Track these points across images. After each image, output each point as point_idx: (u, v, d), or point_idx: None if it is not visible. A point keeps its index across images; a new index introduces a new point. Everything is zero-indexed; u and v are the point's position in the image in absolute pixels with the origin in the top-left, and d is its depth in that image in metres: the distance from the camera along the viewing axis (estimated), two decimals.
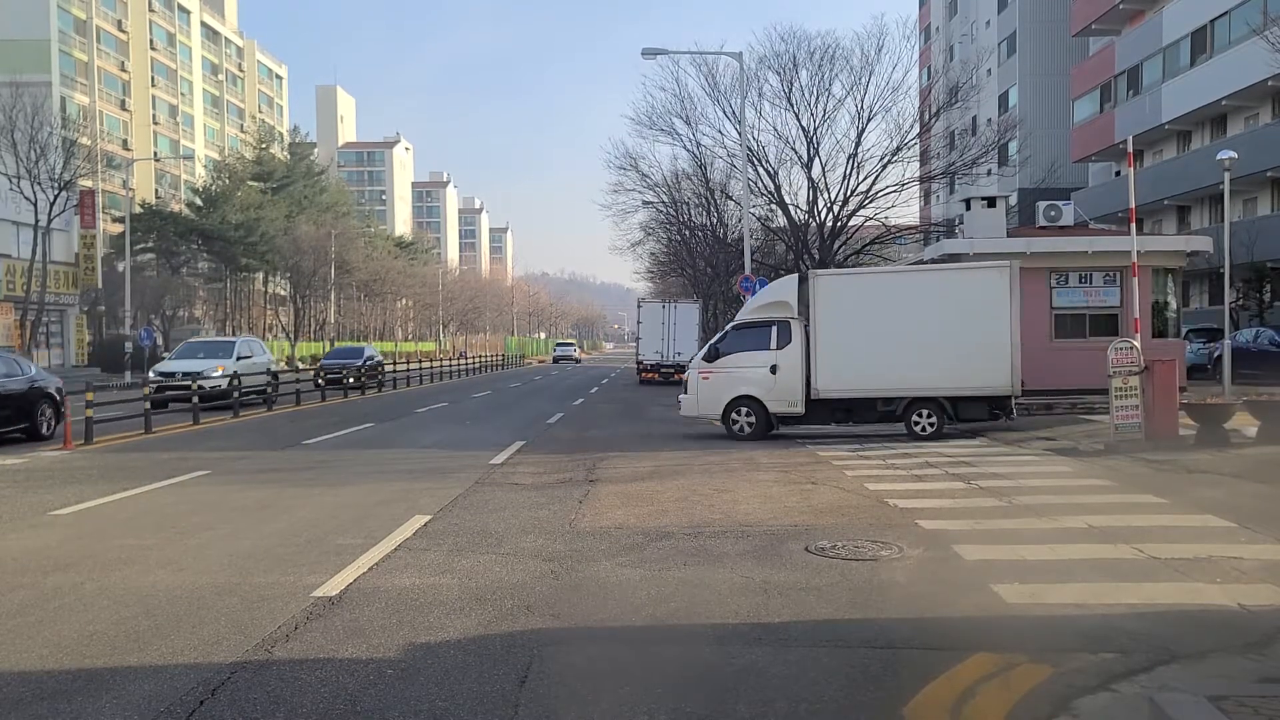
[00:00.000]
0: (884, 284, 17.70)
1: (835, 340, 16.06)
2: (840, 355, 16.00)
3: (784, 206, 40.98)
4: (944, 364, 15.56)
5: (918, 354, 15.62)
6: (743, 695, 4.56)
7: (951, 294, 16.06)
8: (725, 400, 16.54)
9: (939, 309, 15.81)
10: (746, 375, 16.41)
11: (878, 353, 15.77)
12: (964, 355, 15.50)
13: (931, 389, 15.71)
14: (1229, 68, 33.29)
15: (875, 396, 16.09)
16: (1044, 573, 6.71)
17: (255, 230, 68.89)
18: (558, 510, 9.54)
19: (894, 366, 15.75)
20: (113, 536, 8.54)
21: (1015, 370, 15.36)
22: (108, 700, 4.60)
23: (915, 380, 15.73)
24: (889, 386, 15.95)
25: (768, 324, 16.62)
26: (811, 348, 16.20)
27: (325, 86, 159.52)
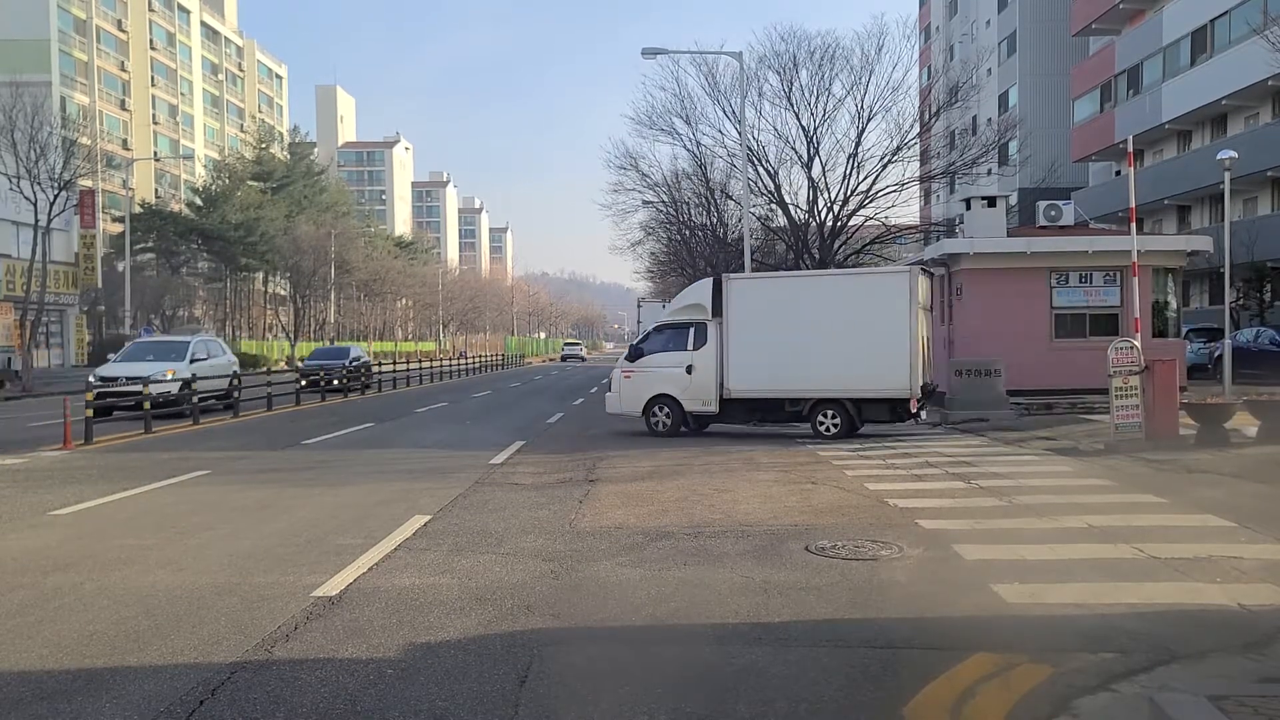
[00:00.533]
0: (791, 288, 18.19)
1: (746, 342, 16.52)
2: (750, 357, 16.46)
3: (784, 206, 40.98)
4: (846, 367, 15.90)
5: (822, 357, 16.00)
6: (743, 695, 4.55)
7: (854, 298, 16.49)
8: (645, 398, 17.21)
9: (842, 313, 16.14)
10: (665, 375, 17.05)
11: (785, 355, 16.19)
12: (865, 358, 15.80)
13: (835, 391, 16.08)
14: (1229, 67, 33.29)
15: (783, 397, 16.50)
16: (1044, 573, 6.70)
17: (255, 230, 68.91)
18: (558, 510, 9.54)
19: (800, 369, 16.16)
20: (113, 536, 8.54)
21: (914, 373, 15.58)
22: (108, 700, 4.60)
23: (819, 382, 16.12)
24: (795, 388, 16.35)
25: (686, 326, 17.18)
26: (724, 349, 16.64)
27: (325, 86, 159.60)
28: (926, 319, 16.63)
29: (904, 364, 15.56)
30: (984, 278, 20.12)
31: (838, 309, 16.22)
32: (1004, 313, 19.73)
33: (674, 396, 16.99)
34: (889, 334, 15.64)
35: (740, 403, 16.69)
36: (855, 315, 15.98)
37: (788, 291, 17.73)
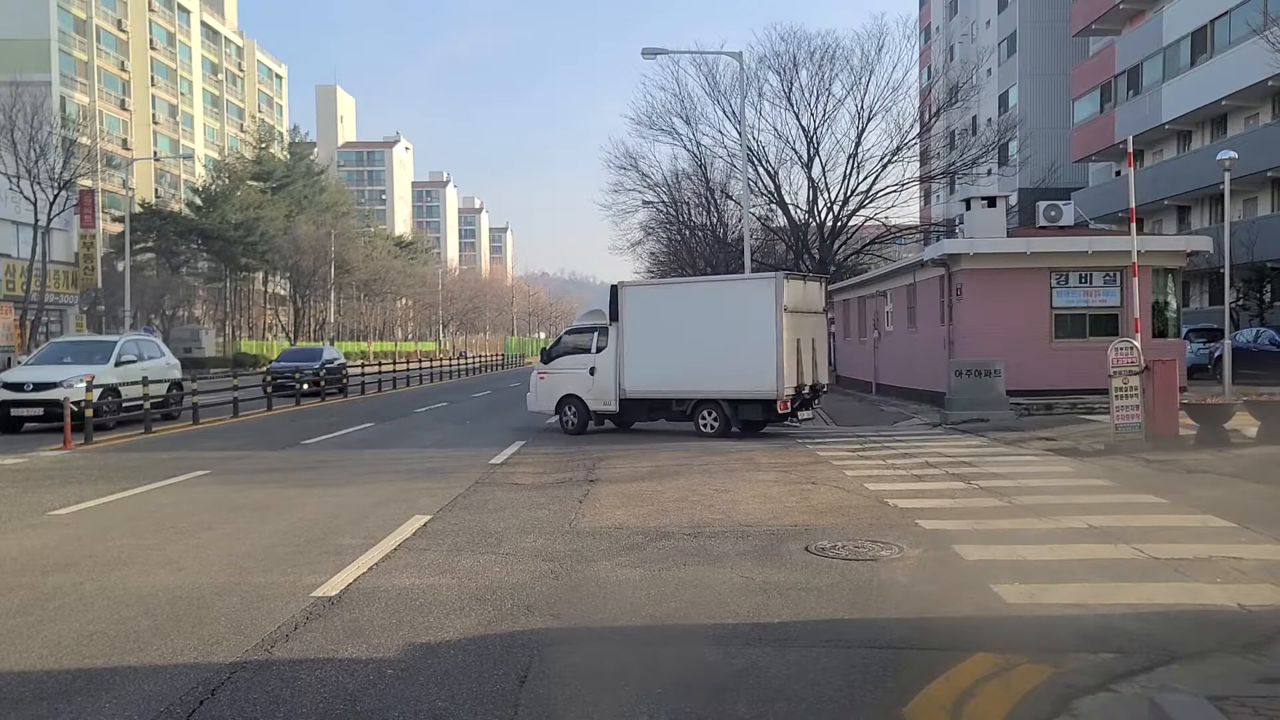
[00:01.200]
0: (676, 294, 19.21)
1: (638, 345, 17.54)
2: (642, 359, 17.46)
3: (784, 206, 41.01)
4: (722, 369, 16.65)
5: (701, 360, 16.81)
6: (743, 695, 4.56)
7: (727, 304, 17.26)
8: (557, 398, 18.45)
9: (717, 318, 16.97)
10: (572, 376, 18.24)
11: (671, 358, 17.14)
12: (737, 361, 16.52)
13: (713, 392, 16.84)
14: (1229, 68, 33.29)
15: (670, 397, 17.39)
16: (1044, 573, 6.70)
17: (255, 230, 68.94)
18: (558, 510, 9.54)
19: (683, 371, 17.06)
20: (112, 536, 8.54)
21: (781, 376, 16.11)
22: (108, 700, 4.60)
23: (699, 383, 16.96)
24: (680, 389, 17.22)
25: (591, 330, 18.42)
26: (620, 352, 17.63)
27: (325, 86, 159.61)
28: (811, 322, 17.21)
29: (771, 367, 16.17)
30: (984, 278, 20.11)
31: (714, 314, 17.09)
32: (1004, 313, 19.72)
33: (580, 396, 18.05)
34: (758, 338, 16.29)
35: (636, 402, 17.67)
36: (729, 320, 16.78)
37: (673, 298, 18.80)
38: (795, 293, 16.81)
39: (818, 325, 17.73)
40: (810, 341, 17.07)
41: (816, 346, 17.34)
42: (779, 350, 16.14)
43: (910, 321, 23.99)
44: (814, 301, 17.62)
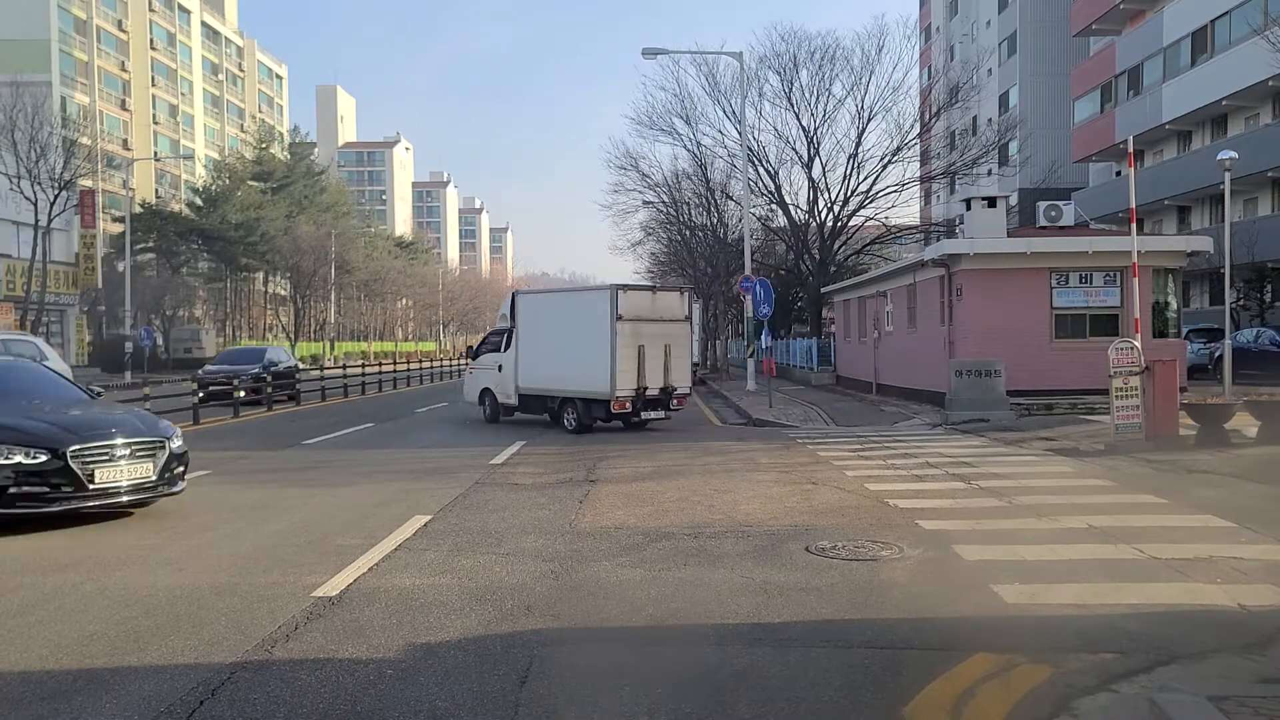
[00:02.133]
0: (549, 302, 21.11)
1: (526, 347, 19.58)
2: (529, 360, 19.44)
3: (784, 206, 41.03)
4: (575, 371, 18.30)
5: (562, 362, 18.60)
6: (743, 695, 4.56)
7: (580, 312, 18.87)
8: (477, 391, 21.04)
9: (573, 325, 18.74)
10: (488, 373, 20.67)
11: (545, 360, 19.03)
12: (584, 364, 18.06)
13: (571, 391, 18.45)
14: (1229, 68, 33.29)
15: (546, 394, 19.14)
16: (1044, 573, 6.70)
17: (255, 230, 68.95)
18: (558, 510, 9.54)
19: (552, 372, 18.89)
20: (113, 536, 8.54)
21: (614, 378, 17.44)
22: (108, 700, 4.60)
23: (563, 384, 18.62)
24: (551, 388, 19.02)
25: (504, 332, 20.37)
26: (515, 353, 19.75)
27: (325, 86, 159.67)
28: (664, 330, 18.34)
29: (605, 370, 17.55)
30: (984, 278, 20.10)
31: (570, 322, 18.92)
32: (1004, 313, 19.71)
33: (492, 390, 20.42)
34: (597, 344, 17.73)
35: (528, 397, 19.60)
36: (579, 327, 18.45)
37: (548, 305, 20.62)
38: (637, 303, 18.27)
39: (674, 332, 18.64)
40: (662, 348, 18.19)
41: (672, 353, 18.35)
42: (612, 355, 17.52)
43: (910, 322, 23.98)
44: (668, 310, 18.72)
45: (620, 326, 17.70)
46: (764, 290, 24.44)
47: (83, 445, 8.80)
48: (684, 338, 19.10)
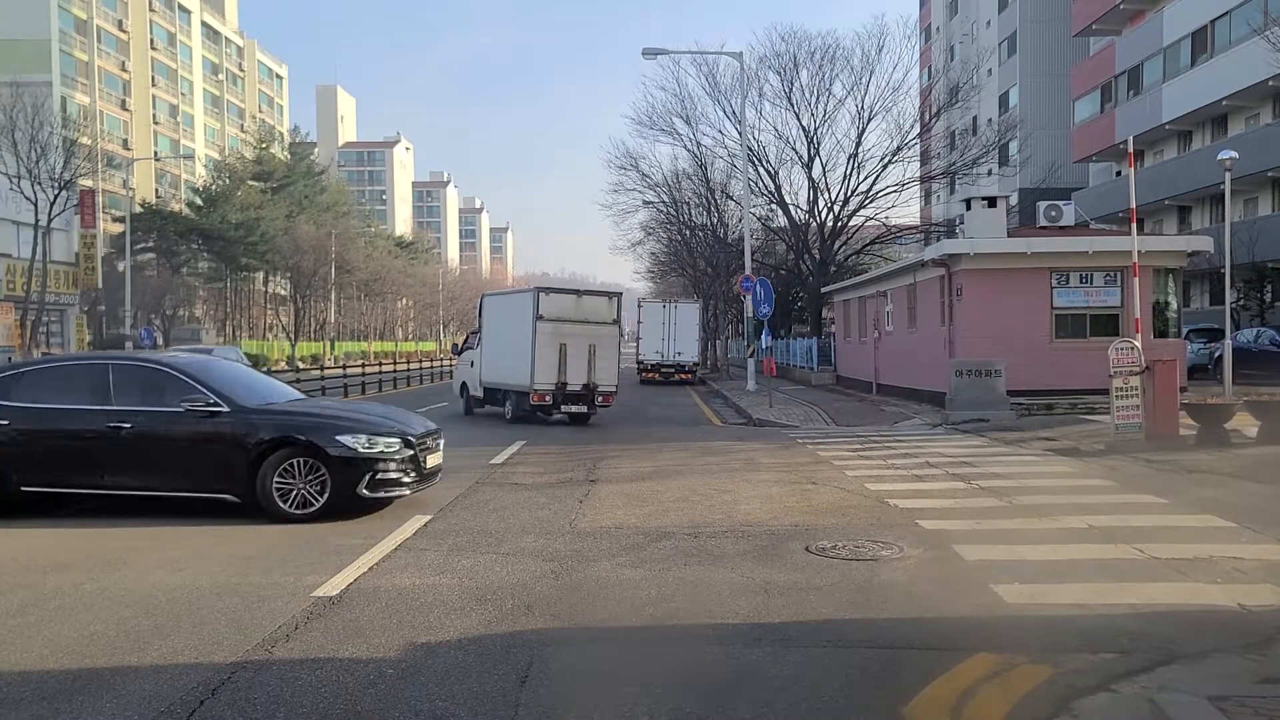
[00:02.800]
0: (501, 303, 22.59)
1: (487, 345, 21.63)
2: (488, 356, 21.44)
3: (784, 206, 41.07)
4: (509, 366, 20.26)
5: (503, 358, 20.59)
6: (743, 695, 4.55)
7: (511, 312, 20.73)
8: (459, 384, 23.57)
9: (508, 324, 20.53)
10: (465, 368, 22.95)
11: (496, 356, 21.04)
12: (514, 360, 19.92)
13: (508, 385, 20.44)
14: (1229, 68, 33.28)
15: (497, 388, 21.08)
16: (1044, 573, 6.70)
17: (255, 230, 68.96)
18: (558, 510, 9.54)
19: (499, 367, 20.90)
20: (113, 536, 8.54)
21: (533, 374, 19.17)
22: (108, 700, 4.60)
23: (504, 378, 20.52)
24: (499, 381, 20.95)
25: (473, 333, 22.90)
26: (481, 350, 21.89)
27: (325, 86, 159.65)
28: (589, 330, 19.92)
29: (526, 365, 19.32)
30: (984, 278, 20.10)
31: (507, 321, 20.75)
32: (1004, 313, 19.71)
33: (467, 383, 22.74)
34: (522, 341, 19.50)
35: (489, 390, 21.51)
36: (511, 326, 20.32)
37: (501, 305, 22.18)
38: (560, 305, 19.86)
39: (600, 334, 20.06)
40: (586, 347, 19.68)
41: (597, 353, 19.81)
42: (533, 352, 19.20)
43: (911, 321, 23.98)
44: (595, 313, 20.16)
45: (541, 326, 19.34)
46: (764, 290, 24.45)
47: (420, 435, 9.72)
48: (610, 339, 20.31)
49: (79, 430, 9.25)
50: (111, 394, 9.37)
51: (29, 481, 9.29)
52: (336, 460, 9.07)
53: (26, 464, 9.21)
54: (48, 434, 9.29)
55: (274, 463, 9.07)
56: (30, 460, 9.21)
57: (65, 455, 9.30)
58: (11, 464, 9.17)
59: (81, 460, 9.27)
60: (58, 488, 9.40)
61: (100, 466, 9.26)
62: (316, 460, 9.08)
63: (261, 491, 9.05)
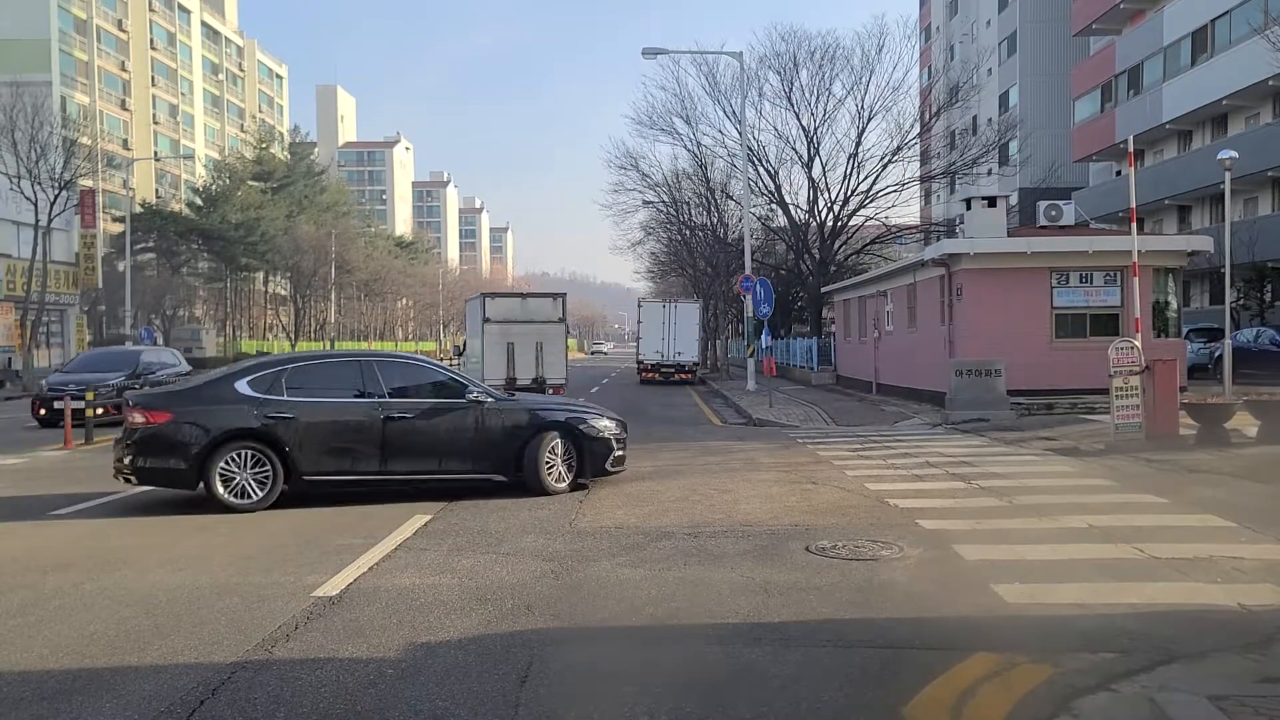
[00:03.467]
0: (471, 309, 25.14)
1: (468, 346, 24.45)
2: (467, 356, 24.09)
3: (784, 206, 41.05)
4: (475, 364, 22.65)
5: (472, 357, 23.04)
6: (743, 695, 4.55)
7: (474, 316, 23.28)
8: None
9: (472, 326, 23.55)
10: (469, 365, 24.33)
11: (469, 356, 23.80)
12: (474, 356, 22.73)
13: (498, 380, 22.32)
14: (1230, 67, 33.28)
15: None
16: (1044, 573, 6.70)
17: (255, 230, 68.93)
18: (558, 510, 9.54)
19: (470, 366, 22.87)
20: (113, 536, 8.54)
21: (483, 368, 21.59)
22: (108, 700, 4.60)
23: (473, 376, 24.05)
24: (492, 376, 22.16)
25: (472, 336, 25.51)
26: (467, 349, 24.90)
27: (325, 86, 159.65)
28: (534, 329, 22.53)
29: (479, 362, 22.11)
30: (984, 278, 20.09)
31: (473, 324, 23.45)
32: (1004, 313, 19.70)
33: None
34: (475, 340, 22.17)
35: None
36: (473, 329, 23.39)
37: (470, 311, 24.93)
38: (506, 307, 22.99)
39: (547, 332, 22.68)
40: (534, 345, 22.33)
41: (544, 348, 22.42)
42: (482, 350, 22.06)
43: (910, 321, 23.97)
44: (540, 313, 22.88)
45: (489, 327, 22.05)
46: (764, 290, 24.44)
47: (621, 422, 11.26)
48: (557, 336, 22.99)
49: (362, 421, 9.91)
50: (383, 386, 10.14)
51: (313, 470, 9.79)
52: (589, 441, 10.63)
53: (312, 454, 9.72)
54: (331, 425, 9.89)
55: (542, 445, 10.35)
56: (315, 450, 9.74)
57: (348, 444, 9.90)
58: (298, 454, 9.64)
59: (364, 448, 9.90)
60: (339, 475, 9.91)
61: (381, 454, 9.93)
62: (573, 442, 10.54)
63: (530, 470, 10.28)
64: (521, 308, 23.01)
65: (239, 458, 9.48)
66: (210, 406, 9.67)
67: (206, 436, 9.44)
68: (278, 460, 9.56)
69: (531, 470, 10.27)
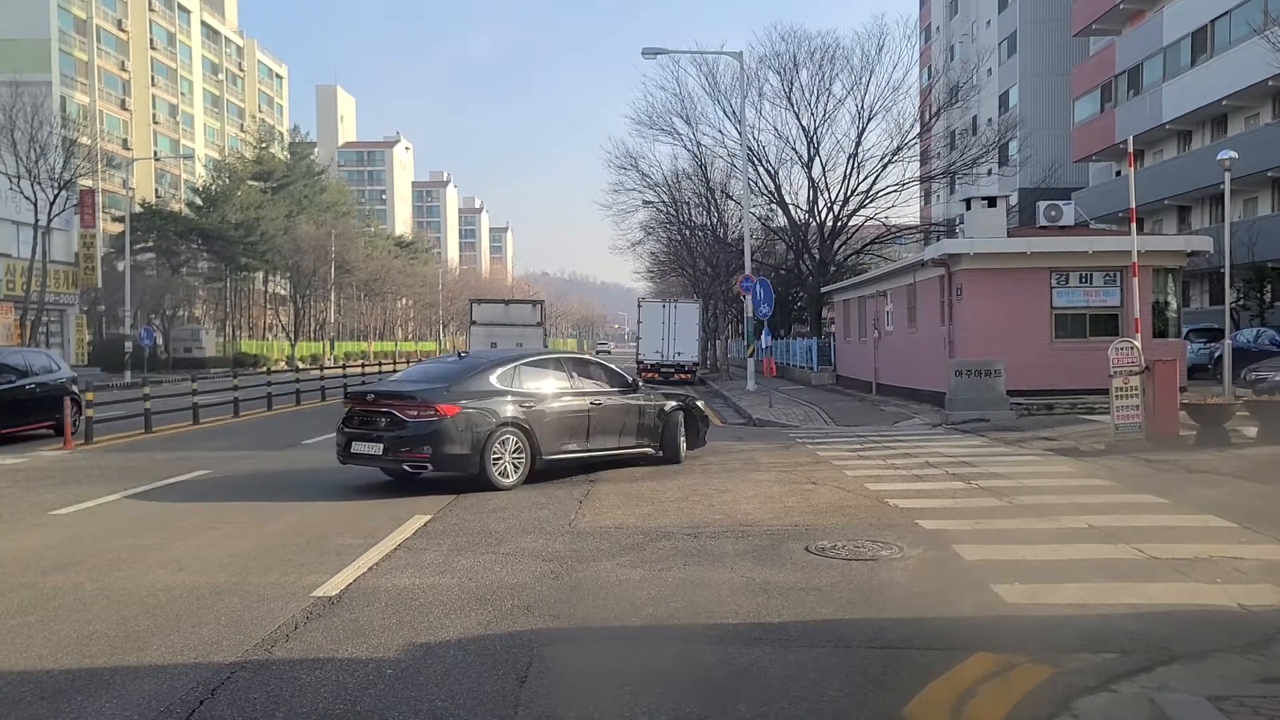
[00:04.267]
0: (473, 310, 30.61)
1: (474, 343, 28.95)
2: None
3: (784, 206, 41.04)
4: None
5: None
6: (743, 695, 4.55)
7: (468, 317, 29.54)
8: None
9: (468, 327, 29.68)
10: None
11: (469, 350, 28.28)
12: None
13: None
14: (1229, 68, 33.29)
15: None
16: (1044, 573, 6.70)
17: (255, 230, 68.86)
18: (558, 510, 9.54)
19: None
20: (113, 536, 8.54)
21: None
22: (108, 700, 4.60)
23: None
24: None
25: None
26: None
27: (325, 86, 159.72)
28: (515, 330, 26.85)
29: None
30: (984, 278, 20.10)
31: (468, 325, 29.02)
32: (1004, 313, 19.71)
33: None
34: None
35: None
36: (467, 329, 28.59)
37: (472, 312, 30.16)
38: (490, 312, 28.50)
39: (527, 334, 27.50)
40: (514, 345, 25.73)
41: (524, 348, 25.33)
42: (470, 347, 25.24)
43: (910, 321, 23.98)
44: (521, 318, 28.08)
45: (475, 329, 27.23)
46: (764, 290, 24.43)
47: None
48: (535, 337, 27.73)
49: (575, 408, 11.78)
50: (574, 379, 12.09)
51: (551, 450, 11.36)
52: (700, 416, 13.69)
53: (549, 437, 11.32)
54: (561, 412, 11.61)
55: (677, 422, 13.05)
56: (550, 433, 11.36)
57: (570, 428, 11.69)
58: (540, 438, 11.18)
59: (579, 431, 11.78)
60: (565, 455, 11.60)
61: (587, 434, 11.85)
62: (694, 417, 13.50)
63: (669, 442, 12.91)
64: (505, 312, 27.93)
65: (504, 443, 10.85)
66: (486, 400, 10.92)
67: (488, 425, 10.73)
68: (527, 444, 11.03)
69: (670, 441, 12.87)
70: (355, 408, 11.17)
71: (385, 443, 10.54)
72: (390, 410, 10.63)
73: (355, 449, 10.84)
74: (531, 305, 28.40)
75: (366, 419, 10.87)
